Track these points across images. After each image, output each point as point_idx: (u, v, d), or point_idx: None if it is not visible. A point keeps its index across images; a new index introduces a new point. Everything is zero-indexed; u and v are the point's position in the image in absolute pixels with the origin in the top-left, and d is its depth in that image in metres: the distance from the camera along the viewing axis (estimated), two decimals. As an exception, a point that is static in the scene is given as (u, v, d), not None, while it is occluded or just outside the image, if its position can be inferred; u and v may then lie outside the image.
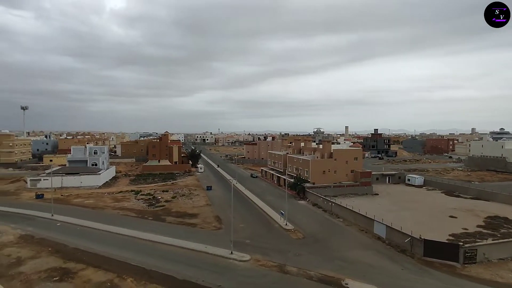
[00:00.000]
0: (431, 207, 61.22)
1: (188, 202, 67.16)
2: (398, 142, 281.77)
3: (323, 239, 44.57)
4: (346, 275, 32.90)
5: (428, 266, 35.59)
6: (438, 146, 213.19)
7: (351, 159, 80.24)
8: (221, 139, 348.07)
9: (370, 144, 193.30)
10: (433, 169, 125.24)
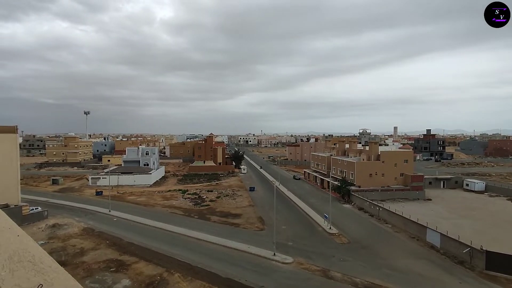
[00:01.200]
0: (494, 215, 55.29)
1: (232, 202, 68.62)
2: (454, 143, 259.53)
3: (369, 245, 42.61)
4: (394, 284, 31.08)
5: (492, 281, 32.18)
6: (503, 148, 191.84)
7: (400, 161, 75.65)
8: (264, 140, 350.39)
9: (422, 145, 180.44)
10: (497, 173, 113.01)
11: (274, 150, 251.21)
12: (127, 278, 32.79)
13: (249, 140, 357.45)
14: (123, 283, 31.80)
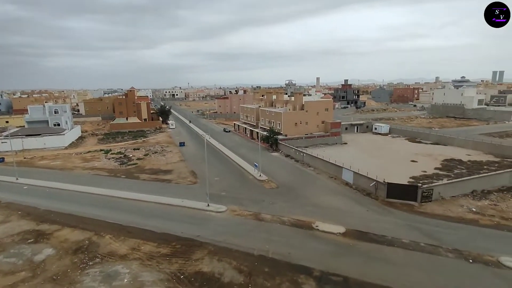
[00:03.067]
0: (395, 153, 65.33)
1: (161, 159, 66.57)
2: (367, 92, 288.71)
3: (295, 187, 46.77)
4: (316, 219, 35.36)
5: (390, 206, 38.93)
6: (404, 95, 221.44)
7: (322, 110, 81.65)
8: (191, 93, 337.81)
9: (340, 95, 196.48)
10: (399, 117, 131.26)
11: (203, 104, 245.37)
12: (50, 247, 30.41)
13: (176, 93, 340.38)
14: (45, 252, 29.45)
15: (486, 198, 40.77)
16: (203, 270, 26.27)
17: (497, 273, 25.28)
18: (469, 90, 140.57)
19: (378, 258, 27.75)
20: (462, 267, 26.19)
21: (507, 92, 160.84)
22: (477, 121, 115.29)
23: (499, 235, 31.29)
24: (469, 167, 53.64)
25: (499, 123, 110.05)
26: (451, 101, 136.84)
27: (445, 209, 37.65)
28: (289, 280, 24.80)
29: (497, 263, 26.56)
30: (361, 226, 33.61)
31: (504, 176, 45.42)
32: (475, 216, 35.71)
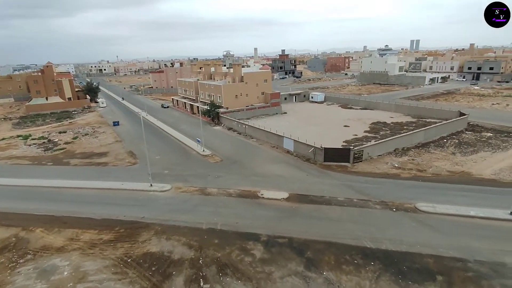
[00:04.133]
0: (330, 120, 69.80)
1: (94, 141, 61.30)
2: (303, 62, 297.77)
3: (239, 159, 47.48)
4: (261, 187, 36.72)
5: (327, 169, 42.12)
6: (337, 65, 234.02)
7: (261, 81, 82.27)
8: (122, 68, 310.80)
9: (278, 65, 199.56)
10: (332, 86, 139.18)
11: (136, 79, 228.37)
12: (-34, 251, 26.65)
13: (104, 68, 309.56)
14: (-40, 257, 25.77)
15: (406, 154, 46.49)
16: (151, 251, 25.81)
17: (414, 217, 29.59)
18: (391, 58, 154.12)
19: (318, 217, 30.26)
20: (388, 216, 30.03)
21: (422, 59, 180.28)
22: (398, 87, 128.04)
23: (416, 185, 36.27)
24: (392, 128, 60.06)
25: (416, 87, 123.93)
26: (377, 69, 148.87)
27: (373, 167, 42.07)
28: (238, 248, 25.80)
29: (414, 209, 30.99)
30: (302, 189, 35.94)
31: (420, 134, 51.98)
32: (397, 171, 40.65)
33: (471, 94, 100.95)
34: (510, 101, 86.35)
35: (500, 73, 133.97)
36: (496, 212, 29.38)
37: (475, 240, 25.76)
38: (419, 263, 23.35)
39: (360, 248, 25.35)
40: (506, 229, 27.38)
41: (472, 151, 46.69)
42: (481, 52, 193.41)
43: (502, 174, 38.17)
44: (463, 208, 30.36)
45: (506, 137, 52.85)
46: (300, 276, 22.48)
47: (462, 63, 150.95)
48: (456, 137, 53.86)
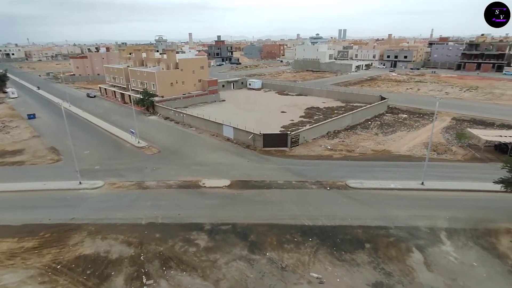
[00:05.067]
0: (268, 106, 71.52)
1: (5, 137, 53.28)
2: (239, 49, 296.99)
3: (178, 150, 46.03)
4: (202, 177, 36.30)
5: (267, 154, 43.37)
6: (272, 52, 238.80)
7: (197, 68, 79.99)
8: (35, 52, 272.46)
9: (215, 52, 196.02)
10: (269, 73, 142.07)
11: (54, 65, 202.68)
12: None
13: (12, 53, 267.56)
14: None
15: (337, 136, 50.24)
16: (85, 253, 23.85)
17: (345, 194, 32.43)
18: (322, 46, 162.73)
19: (260, 201, 31.21)
20: (323, 194, 32.37)
21: (348, 48, 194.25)
22: (329, 73, 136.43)
23: (346, 165, 39.62)
24: (324, 113, 64.11)
25: (344, 74, 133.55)
26: (309, 56, 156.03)
27: (309, 150, 44.63)
28: (182, 240, 25.35)
29: (345, 186, 33.93)
30: (244, 176, 36.53)
31: (348, 117, 56.50)
32: (330, 152, 43.79)
33: (390, 80, 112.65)
34: (421, 86, 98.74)
35: (412, 61, 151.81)
36: (411, 183, 33.81)
37: (394, 209, 29.37)
38: (350, 234, 25.83)
39: (299, 226, 26.98)
40: (418, 197, 31.76)
41: (391, 131, 52.51)
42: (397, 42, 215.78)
43: (415, 150, 43.85)
44: (385, 182, 34.23)
45: (418, 118, 60.55)
46: (245, 259, 23.11)
47: (382, 51, 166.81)
48: (379, 119, 59.91)
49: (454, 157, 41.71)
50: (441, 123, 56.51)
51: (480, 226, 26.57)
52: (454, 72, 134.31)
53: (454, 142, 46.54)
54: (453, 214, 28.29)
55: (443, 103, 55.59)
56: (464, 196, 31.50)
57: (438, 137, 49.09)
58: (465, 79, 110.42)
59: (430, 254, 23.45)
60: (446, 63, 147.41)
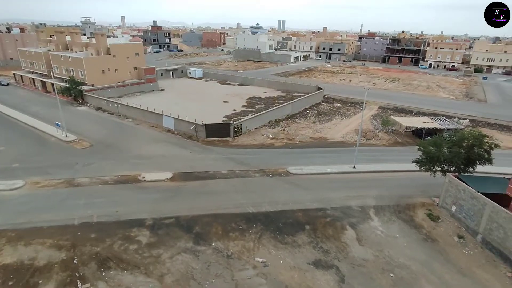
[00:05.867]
0: (210, 96, 70.40)
1: None
2: (178, 35, 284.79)
3: (114, 143, 42.90)
4: (142, 170, 34.51)
5: (210, 145, 42.92)
6: (213, 40, 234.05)
7: (132, 55, 74.70)
8: None
9: (151, 38, 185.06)
10: (210, 61, 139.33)
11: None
12: None
13: None
14: None
15: (278, 125, 51.86)
16: (4, 263, 21.10)
17: (287, 180, 33.87)
18: (262, 36, 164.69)
19: (204, 192, 30.92)
20: (266, 181, 33.34)
21: (287, 39, 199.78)
22: (269, 63, 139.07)
23: (287, 152, 41.28)
24: (266, 102, 65.48)
25: (284, 64, 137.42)
26: (250, 46, 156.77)
27: (251, 139, 45.35)
28: (121, 238, 23.96)
29: (286, 173, 35.41)
30: (187, 167, 35.70)
31: (288, 107, 58.60)
32: (271, 141, 45.10)
33: (326, 71, 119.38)
34: (352, 77, 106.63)
35: (345, 54, 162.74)
36: (344, 167, 36.73)
37: (330, 191, 31.68)
38: (292, 218, 27.20)
39: (244, 214, 27.51)
40: (351, 179, 34.70)
41: (327, 120, 56.01)
42: (331, 35, 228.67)
43: (348, 137, 47.55)
44: (322, 167, 36.60)
45: (350, 107, 65.54)
46: (190, 251, 22.84)
47: (318, 44, 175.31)
48: (316, 108, 63.35)
49: (380, 142, 46.32)
50: (369, 112, 62.05)
51: (401, 202, 30.19)
52: (380, 65, 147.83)
53: (380, 129, 51.60)
54: (380, 193, 31.60)
55: (371, 93, 61.00)
56: (388, 176, 35.33)
57: (367, 124, 53.90)
58: (389, 72, 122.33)
59: (361, 230, 25.96)
60: (373, 57, 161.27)
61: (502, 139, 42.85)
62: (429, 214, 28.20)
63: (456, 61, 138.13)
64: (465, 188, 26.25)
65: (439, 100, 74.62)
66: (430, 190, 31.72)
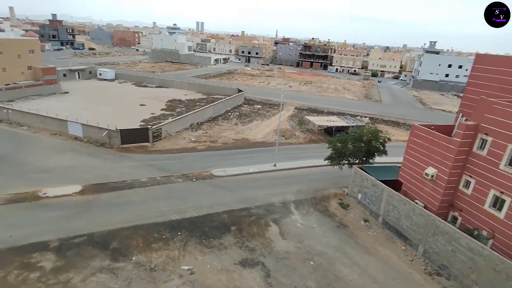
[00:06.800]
0: (124, 99, 65.37)
1: None
2: (84, 32, 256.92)
3: (6, 155, 36.29)
4: (43, 186, 30.02)
5: (126, 152, 39.79)
6: (126, 39, 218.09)
7: (25, 52, 64.43)
8: None
9: (50, 33, 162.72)
10: (123, 62, 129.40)
11: None
12: None
13: None
14: None
15: (200, 128, 51.15)
16: None
17: (211, 183, 33.64)
18: (180, 37, 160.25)
19: (121, 203, 28.52)
20: (189, 186, 32.51)
21: (207, 41, 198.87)
22: (189, 65, 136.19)
23: (210, 155, 41.01)
24: (187, 105, 63.91)
25: (204, 66, 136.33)
26: (168, 47, 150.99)
27: (173, 143, 43.70)
28: (18, 267, 20.41)
29: (210, 175, 35.15)
30: (100, 178, 32.41)
31: (210, 109, 58.30)
32: (194, 144, 44.22)
33: (246, 74, 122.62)
34: (270, 80, 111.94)
35: (263, 58, 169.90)
36: (265, 166, 38.29)
37: (254, 190, 32.65)
38: (217, 221, 27.12)
39: (167, 222, 26.31)
40: (272, 177, 36.37)
41: (248, 121, 57.59)
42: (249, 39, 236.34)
43: (268, 137, 49.72)
44: (245, 168, 37.44)
45: (269, 108, 68.66)
46: (107, 270, 20.78)
47: (238, 47, 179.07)
48: (237, 110, 64.53)
49: (297, 140, 49.71)
50: (287, 112, 66.05)
51: (317, 195, 32.93)
52: (295, 68, 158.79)
53: (297, 128, 55.42)
54: (299, 188, 33.90)
55: (287, 95, 65.04)
56: (306, 172, 38.16)
57: (285, 124, 57.27)
58: (303, 75, 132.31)
59: (283, 225, 27.43)
60: (289, 61, 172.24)
61: (394, 133, 50.36)
62: (340, 203, 31.43)
63: (357, 66, 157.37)
64: (367, 178, 30.07)
65: (345, 101, 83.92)
66: (341, 182, 35.38)
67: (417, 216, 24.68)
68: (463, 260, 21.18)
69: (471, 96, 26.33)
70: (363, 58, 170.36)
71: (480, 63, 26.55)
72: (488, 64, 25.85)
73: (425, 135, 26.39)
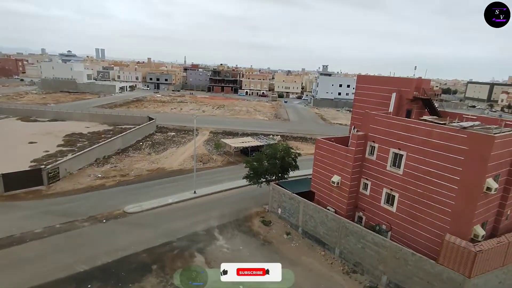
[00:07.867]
0: (7, 137, 55.32)
1: None
2: None
3: None
4: None
5: (13, 200, 33.27)
6: (6, 68, 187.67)
7: None
8: None
9: None
10: (4, 94, 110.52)
11: None
12: None
13: None
14: None
15: (108, 162, 46.52)
16: None
17: (124, 222, 30.52)
18: (77, 65, 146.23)
19: (6, 265, 23.32)
20: (99, 229, 28.80)
21: (109, 69, 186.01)
22: (90, 95, 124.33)
23: (122, 190, 37.42)
24: (89, 138, 57.66)
25: (108, 95, 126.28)
26: (62, 76, 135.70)
27: (75, 182, 38.48)
28: None
29: (123, 213, 31.92)
30: (-25, 238, 26.08)
31: (118, 140, 53.75)
32: (101, 181, 39.79)
33: (156, 101, 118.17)
34: (183, 105, 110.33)
35: (173, 84, 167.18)
36: (185, 195, 36.83)
37: (175, 222, 30.89)
38: (135, 262, 24.54)
39: (73, 276, 22.57)
40: (193, 204, 35.15)
41: (163, 149, 55.05)
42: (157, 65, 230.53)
43: (185, 164, 48.26)
44: (163, 199, 35.28)
45: (184, 134, 67.17)
46: None
47: (145, 74, 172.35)
48: (149, 139, 61.18)
49: (215, 164, 49.58)
50: (202, 137, 65.65)
51: (240, 215, 33.07)
52: (206, 93, 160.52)
53: (214, 152, 55.41)
54: (221, 212, 33.49)
55: (201, 120, 64.94)
56: (227, 195, 38.07)
57: (202, 149, 56.68)
58: (215, 99, 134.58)
59: (209, 253, 26.47)
60: (200, 86, 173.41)
61: (303, 148, 54.96)
62: (263, 220, 32.16)
63: (264, 89, 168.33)
64: (284, 192, 31.70)
65: (257, 122, 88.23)
66: (261, 199, 36.34)
67: (330, 221, 26.98)
68: (371, 254, 23.84)
69: (358, 111, 30.80)
70: (269, 81, 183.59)
71: (361, 82, 31.52)
72: (366, 82, 30.85)
73: (327, 147, 29.49)
